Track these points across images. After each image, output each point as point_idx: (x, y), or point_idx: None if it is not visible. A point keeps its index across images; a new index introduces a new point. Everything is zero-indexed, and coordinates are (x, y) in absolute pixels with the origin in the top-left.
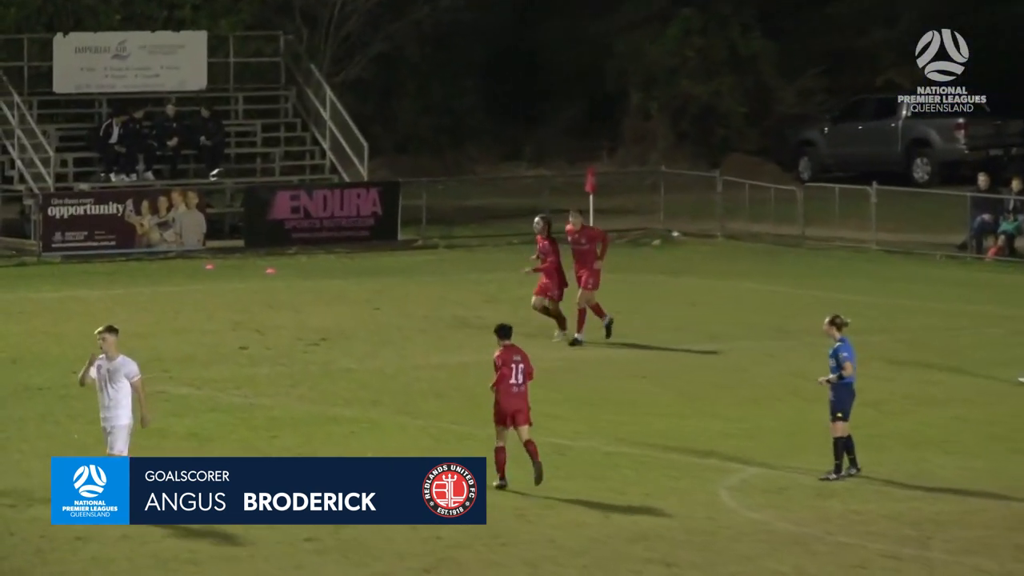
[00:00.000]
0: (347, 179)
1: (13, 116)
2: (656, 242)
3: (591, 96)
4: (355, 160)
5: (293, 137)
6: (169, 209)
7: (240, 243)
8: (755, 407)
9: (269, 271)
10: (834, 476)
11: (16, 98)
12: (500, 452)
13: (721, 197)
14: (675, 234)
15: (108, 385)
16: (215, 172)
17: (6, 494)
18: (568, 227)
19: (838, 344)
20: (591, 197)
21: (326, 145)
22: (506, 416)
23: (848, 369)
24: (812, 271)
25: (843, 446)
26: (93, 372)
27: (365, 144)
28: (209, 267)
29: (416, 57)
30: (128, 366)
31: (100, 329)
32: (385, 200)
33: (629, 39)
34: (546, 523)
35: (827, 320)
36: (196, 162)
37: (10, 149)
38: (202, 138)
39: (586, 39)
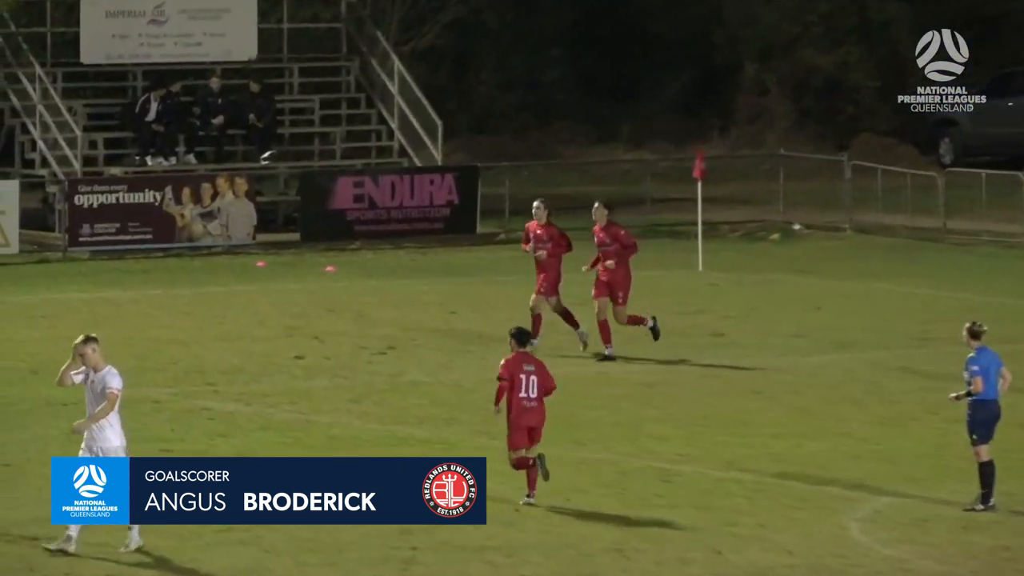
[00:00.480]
0: (418, 163)
1: (35, 90)
2: (775, 236)
3: (698, 68)
4: (427, 141)
5: (356, 115)
6: (214, 198)
7: (295, 237)
8: (889, 427)
9: (328, 269)
10: (981, 506)
11: (38, 70)
12: (525, 462)
13: (850, 184)
14: (796, 227)
15: (95, 400)
16: (266, 155)
17: (27, 525)
18: (595, 227)
19: (972, 355)
20: (699, 184)
21: (394, 124)
22: (523, 434)
23: (976, 385)
24: (954, 270)
25: (990, 472)
26: (78, 378)
27: (439, 123)
28: (260, 264)
29: (496, 23)
30: (110, 378)
31: (77, 341)
32: (462, 187)
33: (742, 2)
34: (646, 560)
35: (965, 327)
36: (245, 144)
37: (31, 128)
38: (251, 116)
39: (692, 2)
